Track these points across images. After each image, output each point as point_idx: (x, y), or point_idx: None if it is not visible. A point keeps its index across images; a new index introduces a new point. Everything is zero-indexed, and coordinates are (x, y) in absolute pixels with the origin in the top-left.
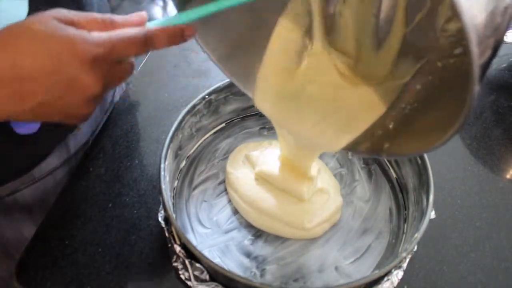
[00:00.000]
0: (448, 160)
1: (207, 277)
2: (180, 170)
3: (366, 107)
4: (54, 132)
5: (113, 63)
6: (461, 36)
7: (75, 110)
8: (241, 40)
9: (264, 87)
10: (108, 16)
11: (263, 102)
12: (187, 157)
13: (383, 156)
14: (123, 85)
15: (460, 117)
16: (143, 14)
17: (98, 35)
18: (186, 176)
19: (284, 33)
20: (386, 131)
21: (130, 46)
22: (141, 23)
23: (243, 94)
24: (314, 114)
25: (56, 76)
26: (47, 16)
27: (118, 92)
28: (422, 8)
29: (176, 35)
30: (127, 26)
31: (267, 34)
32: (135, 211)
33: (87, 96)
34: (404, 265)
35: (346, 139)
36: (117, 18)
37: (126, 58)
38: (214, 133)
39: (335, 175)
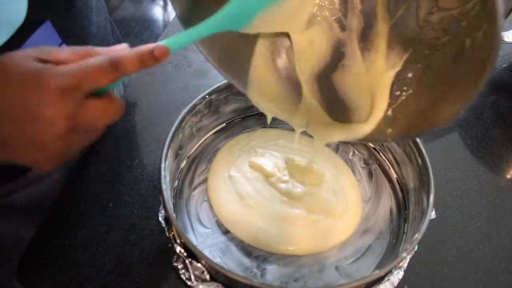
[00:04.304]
0: (448, 160)
1: (208, 277)
2: (181, 170)
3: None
4: None
5: (90, 97)
6: (444, 26)
7: (47, 147)
8: (235, 37)
9: (255, 79)
10: (90, 47)
11: (257, 95)
12: (188, 157)
13: (388, 141)
14: (122, 85)
15: (483, 74)
16: (125, 45)
17: (65, 67)
18: (187, 176)
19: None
20: (386, 118)
21: (100, 73)
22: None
23: (244, 94)
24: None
25: (21, 110)
26: (27, 55)
27: (117, 92)
28: (404, 1)
29: (146, 56)
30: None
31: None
32: (135, 211)
33: (54, 130)
34: (405, 265)
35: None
36: (99, 48)
37: (101, 88)
38: (215, 133)
39: None
